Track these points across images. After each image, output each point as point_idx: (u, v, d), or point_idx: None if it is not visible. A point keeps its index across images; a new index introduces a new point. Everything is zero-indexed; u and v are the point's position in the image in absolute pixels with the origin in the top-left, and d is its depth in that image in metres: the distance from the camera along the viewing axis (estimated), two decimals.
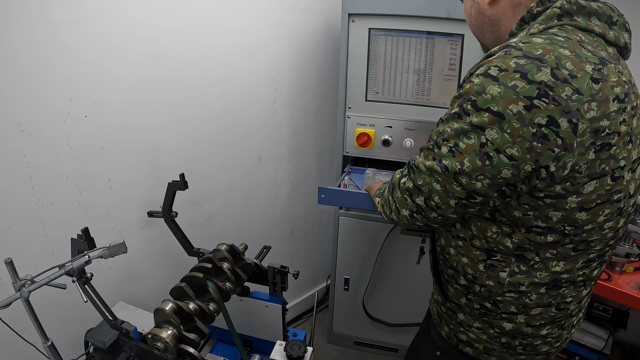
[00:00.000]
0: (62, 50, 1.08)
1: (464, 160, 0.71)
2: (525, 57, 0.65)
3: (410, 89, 1.56)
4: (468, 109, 0.69)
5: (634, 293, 1.35)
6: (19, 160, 1.08)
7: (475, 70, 0.71)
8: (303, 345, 1.08)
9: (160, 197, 1.24)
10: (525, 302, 0.81)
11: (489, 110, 0.66)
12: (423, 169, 0.78)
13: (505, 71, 0.65)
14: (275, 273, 1.20)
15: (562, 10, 0.71)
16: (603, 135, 0.66)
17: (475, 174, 0.71)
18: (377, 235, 1.74)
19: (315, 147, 1.99)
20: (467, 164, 0.71)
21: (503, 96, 0.65)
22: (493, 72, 0.66)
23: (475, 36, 0.89)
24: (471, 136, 0.70)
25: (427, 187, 0.78)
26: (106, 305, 0.96)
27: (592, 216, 0.72)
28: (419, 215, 0.83)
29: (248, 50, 1.53)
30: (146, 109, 1.30)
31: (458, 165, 0.72)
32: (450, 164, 0.73)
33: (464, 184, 0.73)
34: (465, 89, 0.71)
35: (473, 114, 0.69)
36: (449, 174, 0.74)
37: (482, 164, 0.70)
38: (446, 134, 0.73)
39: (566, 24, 0.71)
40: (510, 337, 0.87)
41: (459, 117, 0.72)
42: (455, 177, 0.73)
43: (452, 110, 0.74)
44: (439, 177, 0.75)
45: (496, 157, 0.68)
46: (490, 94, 0.66)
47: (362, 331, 2.00)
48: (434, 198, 0.78)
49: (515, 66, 0.65)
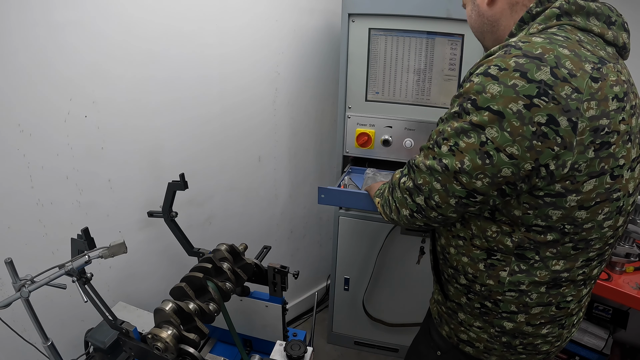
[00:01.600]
0: (63, 49, 1.08)
1: (464, 159, 0.71)
2: (525, 56, 0.65)
3: (410, 89, 1.56)
4: (468, 108, 0.69)
5: (634, 293, 1.35)
6: (19, 160, 1.08)
7: (475, 69, 0.71)
8: (303, 345, 1.08)
9: (160, 197, 1.24)
10: (525, 301, 0.81)
11: (489, 109, 0.67)
12: (423, 168, 0.78)
13: (505, 70, 0.65)
14: (275, 273, 1.20)
15: (561, 10, 0.71)
16: (602, 134, 0.66)
17: (476, 172, 0.71)
18: (377, 235, 1.74)
19: (315, 147, 1.99)
20: (468, 163, 0.71)
21: (503, 95, 0.65)
22: (493, 71, 0.67)
23: (478, 39, 0.90)
24: (471, 135, 0.70)
25: (427, 186, 0.78)
26: (106, 305, 0.96)
27: (592, 215, 0.72)
28: (419, 214, 0.83)
29: (248, 50, 1.53)
30: (146, 108, 1.30)
31: (458, 164, 0.72)
32: (450, 163, 0.73)
33: (464, 183, 0.73)
34: (465, 88, 0.71)
35: (473, 112, 0.69)
36: (449, 173, 0.74)
37: (482, 162, 0.70)
38: (446, 133, 0.73)
39: (565, 24, 0.71)
40: (511, 336, 0.87)
41: (459, 116, 0.72)
42: (456, 176, 0.73)
43: (452, 110, 0.74)
44: (439, 176, 0.75)
45: (496, 155, 0.68)
46: (490, 92, 0.66)
47: (362, 331, 2.00)
48: (434, 197, 0.78)
49: (515, 65, 0.65)
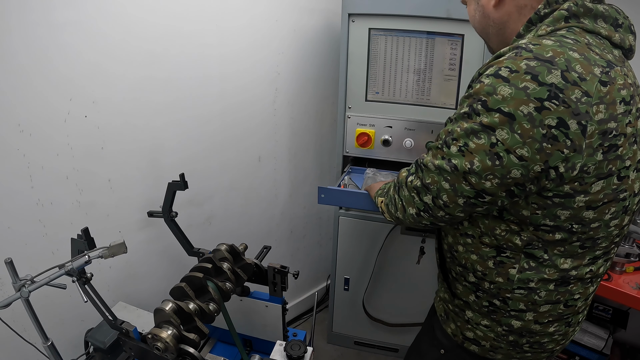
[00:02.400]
0: (63, 49, 1.08)
1: (473, 159, 0.71)
2: (536, 59, 0.65)
3: (410, 89, 1.56)
4: (478, 109, 0.69)
5: (634, 293, 1.35)
6: (19, 160, 1.08)
7: (484, 70, 0.71)
8: (303, 345, 1.08)
9: (160, 197, 1.24)
10: (534, 299, 0.82)
11: (500, 110, 0.67)
12: (432, 168, 0.78)
13: (516, 72, 0.66)
14: (275, 273, 1.20)
15: (570, 13, 0.71)
16: (610, 137, 0.67)
17: (485, 173, 0.71)
18: (377, 235, 1.74)
19: (315, 147, 1.99)
20: (477, 164, 0.71)
21: (514, 97, 0.65)
22: (504, 73, 0.67)
23: (482, 38, 0.90)
24: (481, 136, 0.70)
25: (435, 185, 0.78)
26: (106, 305, 0.96)
27: (599, 214, 0.73)
28: (426, 213, 0.84)
29: (248, 50, 1.53)
30: (146, 108, 1.30)
31: (468, 165, 0.72)
32: (459, 163, 0.73)
33: (473, 183, 0.73)
34: (475, 89, 0.70)
35: (483, 114, 0.69)
36: (458, 173, 0.74)
37: (492, 163, 0.70)
38: (455, 133, 0.73)
39: (573, 26, 0.71)
40: (518, 335, 0.87)
41: (468, 117, 0.72)
42: (465, 176, 0.73)
43: (461, 110, 0.74)
44: (448, 176, 0.75)
45: (506, 157, 0.68)
46: (501, 94, 0.66)
47: (362, 331, 2.00)
48: (442, 197, 0.78)
49: (526, 68, 0.65)
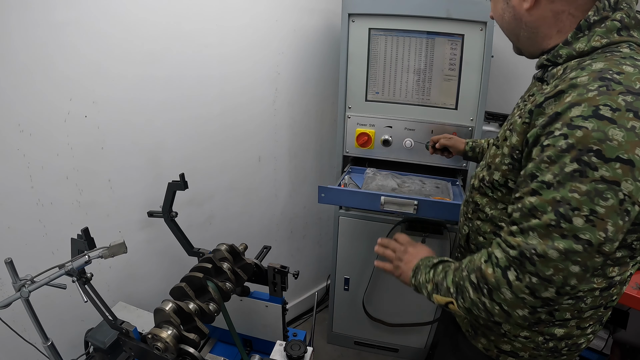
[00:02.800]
0: (63, 49, 1.08)
1: (606, 226, 0.60)
2: (629, 92, 0.59)
3: (410, 89, 1.56)
4: (593, 161, 0.59)
5: (634, 293, 1.35)
6: (19, 160, 1.08)
7: (555, 98, 0.64)
8: (303, 345, 1.08)
9: (160, 197, 1.24)
10: (580, 307, 0.80)
11: (619, 159, 0.58)
12: (554, 256, 0.62)
13: (619, 111, 0.58)
14: (275, 273, 1.20)
15: (622, 24, 0.68)
16: None
17: (617, 235, 0.62)
18: (377, 235, 1.72)
19: (315, 147, 1.99)
20: (611, 229, 0.60)
21: (628, 140, 0.58)
22: (606, 113, 0.58)
23: (508, 38, 0.85)
24: (608, 195, 0.59)
25: (560, 274, 0.63)
26: (106, 305, 0.96)
27: None
28: (545, 307, 0.67)
29: (248, 50, 1.53)
30: (146, 108, 1.30)
31: (602, 235, 0.60)
32: (593, 236, 0.60)
33: (606, 252, 0.62)
34: (578, 137, 0.60)
35: (601, 167, 0.59)
36: (591, 249, 0.61)
37: (622, 222, 0.61)
38: (574, 201, 0.60)
39: (630, 41, 0.68)
40: (558, 340, 0.85)
41: (581, 175, 0.60)
42: (599, 249, 0.61)
43: (565, 169, 0.61)
44: (579, 257, 0.61)
45: (632, 210, 0.61)
46: (616, 139, 0.58)
47: (362, 331, 2.00)
48: (570, 283, 0.64)
49: (625, 104, 0.59)
